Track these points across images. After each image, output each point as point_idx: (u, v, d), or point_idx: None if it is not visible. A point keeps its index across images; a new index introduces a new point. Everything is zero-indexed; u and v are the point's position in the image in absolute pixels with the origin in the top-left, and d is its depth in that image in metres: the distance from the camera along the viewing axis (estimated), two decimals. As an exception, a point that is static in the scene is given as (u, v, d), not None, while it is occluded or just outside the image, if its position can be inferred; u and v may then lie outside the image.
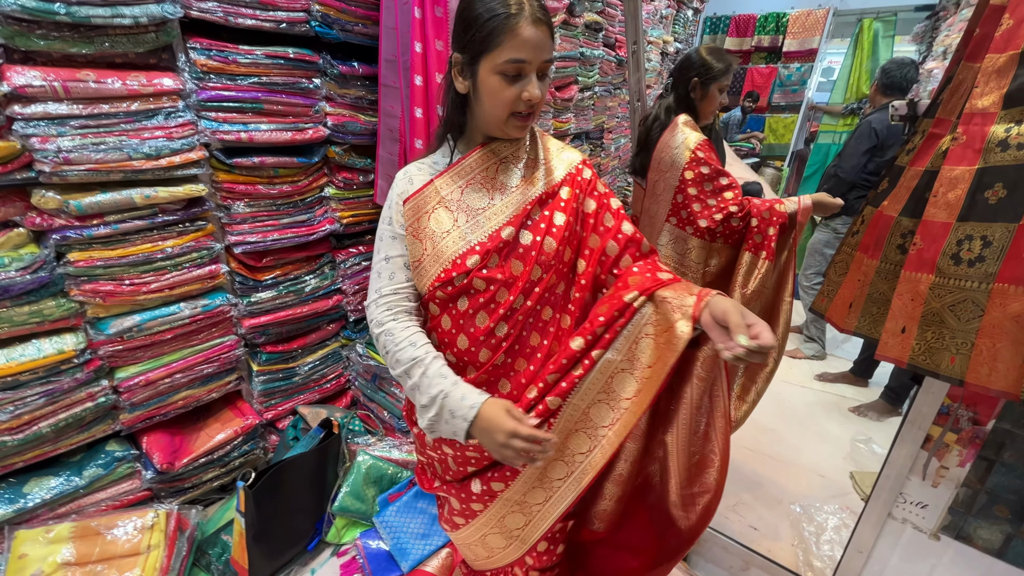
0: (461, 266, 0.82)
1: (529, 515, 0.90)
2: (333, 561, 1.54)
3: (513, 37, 0.74)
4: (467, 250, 0.83)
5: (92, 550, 1.29)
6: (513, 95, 0.77)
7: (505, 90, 0.77)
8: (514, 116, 0.80)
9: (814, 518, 1.74)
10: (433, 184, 0.85)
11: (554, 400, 0.81)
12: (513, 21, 0.74)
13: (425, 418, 0.80)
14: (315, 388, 1.89)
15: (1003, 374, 0.72)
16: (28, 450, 1.29)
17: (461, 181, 0.86)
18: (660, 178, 1.53)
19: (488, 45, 0.76)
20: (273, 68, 1.44)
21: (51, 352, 1.25)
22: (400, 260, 0.87)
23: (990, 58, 0.75)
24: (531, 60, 0.76)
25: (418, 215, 0.85)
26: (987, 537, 1.09)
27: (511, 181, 0.87)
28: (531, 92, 0.77)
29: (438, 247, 0.83)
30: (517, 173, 0.87)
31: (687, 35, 4.97)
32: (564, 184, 0.88)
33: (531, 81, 0.77)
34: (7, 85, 1.07)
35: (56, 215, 1.21)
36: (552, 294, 0.86)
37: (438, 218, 0.84)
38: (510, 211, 0.85)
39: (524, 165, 0.88)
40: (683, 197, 1.48)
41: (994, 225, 0.72)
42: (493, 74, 0.77)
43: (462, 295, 0.84)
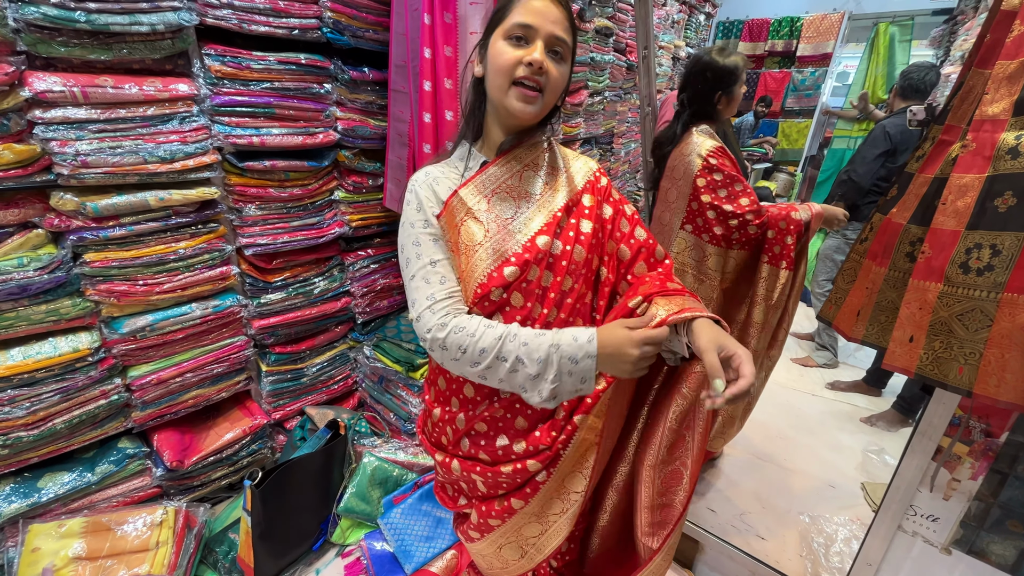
0: (499, 278, 0.78)
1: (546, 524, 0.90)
2: (338, 562, 1.55)
3: (521, 4, 0.76)
4: (503, 261, 0.79)
5: (102, 545, 1.32)
6: (515, 57, 0.76)
7: (508, 52, 0.76)
8: (516, 86, 0.77)
9: (823, 529, 1.71)
10: (458, 195, 0.81)
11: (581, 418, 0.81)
12: None
13: (545, 389, 0.72)
14: (323, 389, 1.91)
15: (1012, 385, 0.70)
16: (43, 446, 1.32)
17: (487, 190, 0.83)
18: (672, 186, 1.52)
19: (501, 15, 0.78)
20: (285, 73, 1.46)
21: (66, 350, 1.28)
22: (447, 262, 0.81)
23: (1001, 64, 0.73)
24: (538, 26, 0.75)
25: (449, 230, 0.81)
26: (1000, 552, 1.07)
27: (535, 189, 0.85)
28: (533, 56, 0.75)
29: (472, 260, 0.79)
30: (539, 181, 0.86)
31: (699, 40, 4.96)
32: (585, 192, 0.88)
33: (537, 46, 0.75)
34: (29, 91, 1.10)
35: (73, 216, 1.24)
36: (582, 303, 0.85)
37: (468, 230, 0.80)
38: (542, 219, 0.83)
39: (545, 173, 0.87)
40: (697, 205, 1.47)
41: (1003, 234, 0.71)
42: (500, 39, 0.77)
43: (498, 311, 0.81)
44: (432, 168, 0.87)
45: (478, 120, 0.87)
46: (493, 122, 0.86)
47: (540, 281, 0.81)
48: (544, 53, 0.76)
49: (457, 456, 0.93)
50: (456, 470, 0.92)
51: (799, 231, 1.46)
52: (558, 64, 0.78)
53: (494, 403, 0.86)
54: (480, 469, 0.88)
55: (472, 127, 0.88)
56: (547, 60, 0.76)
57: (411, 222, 0.82)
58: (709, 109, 1.55)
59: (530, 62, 0.75)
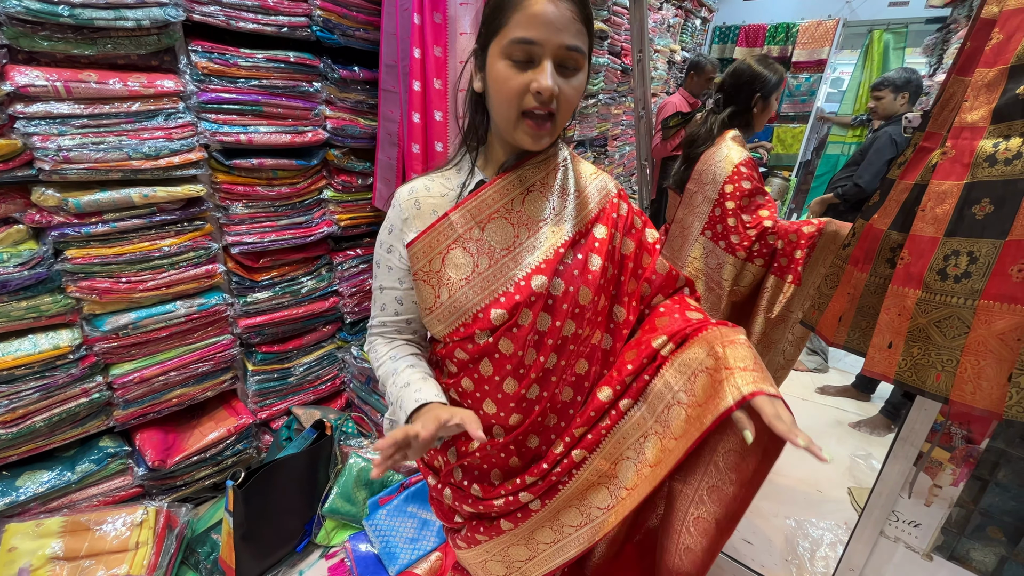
0: (484, 321, 0.71)
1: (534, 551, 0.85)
2: (322, 563, 1.54)
3: (522, 13, 0.60)
4: (491, 301, 0.71)
5: (81, 545, 1.30)
6: (519, 84, 0.63)
7: (511, 79, 0.63)
8: (525, 117, 0.65)
9: (809, 533, 1.71)
10: (448, 219, 0.72)
11: (579, 453, 0.76)
12: None
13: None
14: (310, 389, 1.90)
15: (987, 392, 0.70)
16: (22, 444, 1.31)
17: (481, 216, 0.72)
18: (699, 190, 1.50)
19: (496, 26, 0.63)
20: (274, 71, 1.45)
21: (47, 347, 1.27)
22: (392, 294, 0.78)
23: (980, 72, 0.74)
24: (542, 41, 0.61)
25: (430, 256, 0.72)
26: (980, 559, 1.07)
27: (539, 214, 0.74)
28: (540, 81, 0.62)
29: (455, 296, 0.72)
30: (546, 205, 0.74)
31: (695, 44, 4.98)
32: (599, 221, 0.76)
33: (544, 68, 0.62)
34: (10, 84, 1.09)
35: (55, 212, 1.23)
36: (587, 346, 0.76)
37: (454, 260, 0.72)
38: (540, 255, 0.73)
39: (554, 195, 0.75)
40: (720, 211, 1.46)
41: (981, 241, 0.71)
42: (500, 59, 0.64)
43: (485, 357, 0.74)
44: (420, 183, 0.77)
45: (479, 135, 0.77)
46: (497, 140, 0.75)
47: (535, 326, 0.71)
48: (554, 74, 0.63)
49: (450, 484, 0.88)
50: (448, 498, 0.87)
51: (810, 245, 1.44)
52: (572, 78, 0.65)
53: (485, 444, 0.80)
54: (472, 502, 0.84)
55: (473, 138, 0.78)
56: (559, 81, 0.63)
57: (380, 240, 0.79)
58: (746, 115, 1.54)
59: (539, 90, 0.63)
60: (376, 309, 0.81)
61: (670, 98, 3.46)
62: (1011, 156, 0.69)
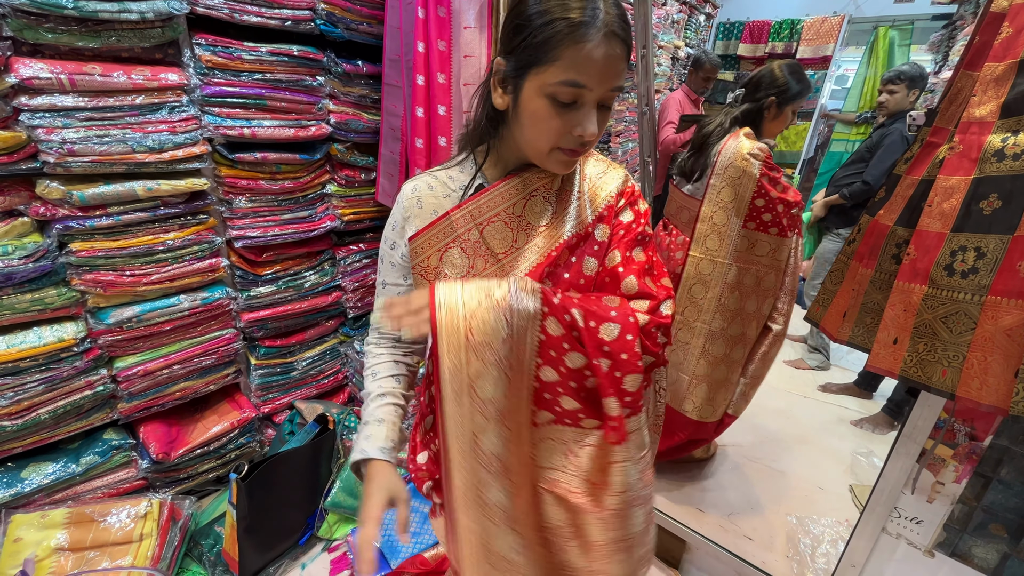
0: None
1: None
2: (324, 556, 1.55)
3: (576, 52, 0.57)
4: None
5: (86, 536, 1.31)
6: (561, 128, 0.61)
7: (553, 119, 0.61)
8: (559, 151, 0.64)
9: (811, 530, 1.71)
10: (448, 218, 0.71)
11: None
12: (580, 32, 0.56)
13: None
14: (312, 384, 1.90)
15: (994, 388, 0.70)
16: (27, 436, 1.31)
17: (481, 218, 0.71)
18: (728, 184, 1.49)
19: (541, 57, 0.59)
20: (277, 65, 1.45)
21: (51, 340, 1.27)
22: (395, 290, 0.79)
23: (988, 66, 0.73)
24: (594, 87, 0.59)
25: (428, 253, 0.73)
26: (982, 556, 1.07)
27: (538, 219, 0.73)
28: (586, 128, 0.60)
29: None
30: (547, 209, 0.73)
31: (699, 40, 4.95)
32: (601, 222, 0.74)
33: (589, 114, 0.60)
34: (15, 77, 1.09)
35: (59, 205, 1.23)
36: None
37: (451, 259, 0.72)
38: (535, 258, 0.72)
39: (557, 199, 0.73)
40: (764, 201, 1.47)
41: (988, 236, 0.70)
42: (541, 96, 0.61)
43: None
44: (423, 181, 0.76)
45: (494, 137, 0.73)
46: (507, 150, 0.73)
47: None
48: (595, 116, 0.61)
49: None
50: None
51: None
52: (607, 112, 0.63)
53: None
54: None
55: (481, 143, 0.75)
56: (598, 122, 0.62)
57: (384, 236, 0.79)
58: (756, 116, 1.55)
59: (581, 135, 0.61)
60: (377, 305, 0.82)
61: (672, 94, 3.44)
62: (1020, 151, 0.69)
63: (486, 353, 0.61)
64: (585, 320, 0.63)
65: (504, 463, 0.65)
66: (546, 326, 0.63)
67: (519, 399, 0.65)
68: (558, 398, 0.67)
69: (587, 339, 0.62)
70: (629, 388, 0.63)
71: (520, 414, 0.66)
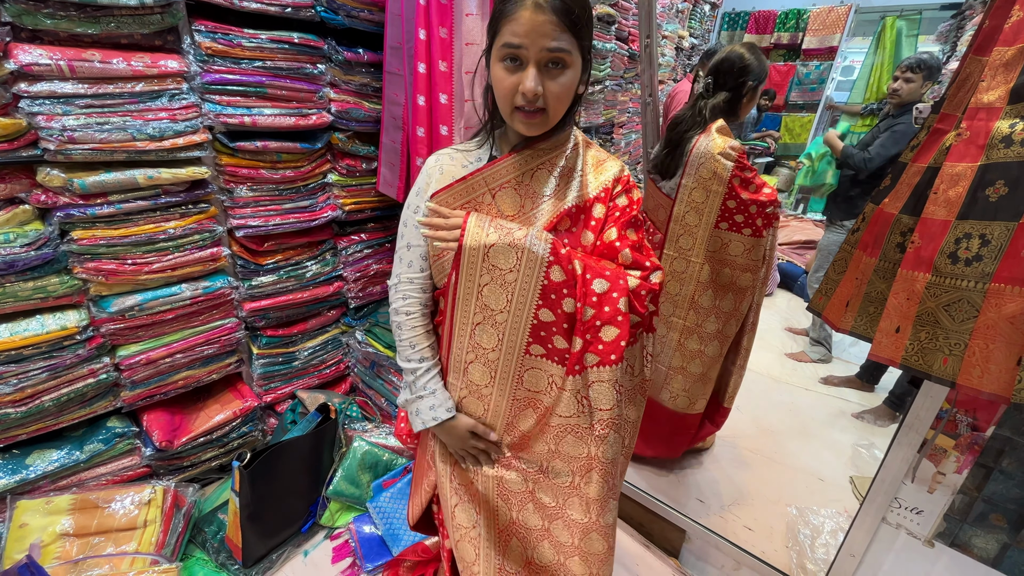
0: None
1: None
2: (326, 544, 1.56)
3: (509, 21, 0.69)
4: None
5: (90, 522, 1.32)
6: (510, 85, 0.72)
7: (506, 79, 0.72)
8: (518, 111, 0.74)
9: (810, 521, 1.72)
10: (466, 181, 0.81)
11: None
12: (512, 6, 0.69)
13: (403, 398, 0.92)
14: (314, 373, 1.91)
15: (995, 376, 0.70)
16: (31, 423, 1.32)
17: (494, 184, 0.82)
18: (699, 185, 1.48)
19: (494, 31, 0.73)
20: (278, 52, 1.44)
21: (54, 328, 1.28)
22: (419, 250, 0.87)
23: (998, 51, 0.72)
24: (526, 46, 0.69)
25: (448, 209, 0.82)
26: (982, 546, 1.07)
27: (544, 189, 0.83)
28: (525, 84, 0.71)
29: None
30: (551, 182, 0.83)
31: (703, 31, 4.90)
32: (598, 201, 0.84)
33: (528, 71, 0.70)
34: (14, 63, 1.08)
35: (60, 193, 1.23)
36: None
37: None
38: (540, 224, 0.83)
39: (559, 174, 0.83)
40: (735, 202, 1.45)
41: (993, 224, 0.69)
42: (497, 62, 0.73)
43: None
44: (447, 152, 0.88)
45: (495, 121, 0.85)
46: (510, 130, 0.84)
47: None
48: (539, 75, 0.71)
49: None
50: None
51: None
52: (559, 76, 0.72)
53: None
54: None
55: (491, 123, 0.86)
56: (544, 80, 0.72)
57: (408, 203, 0.88)
58: (736, 103, 1.54)
59: (523, 92, 0.71)
60: (403, 267, 0.88)
61: (680, 85, 3.41)
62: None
63: (495, 273, 0.76)
64: (583, 271, 0.75)
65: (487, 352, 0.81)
66: (550, 272, 0.75)
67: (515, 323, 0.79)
68: (552, 337, 0.79)
69: (580, 287, 0.75)
70: (603, 337, 0.75)
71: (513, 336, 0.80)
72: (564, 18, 0.69)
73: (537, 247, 0.74)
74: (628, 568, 1.55)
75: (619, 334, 0.74)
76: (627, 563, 1.56)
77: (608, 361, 0.75)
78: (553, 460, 0.85)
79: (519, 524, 0.90)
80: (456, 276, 0.78)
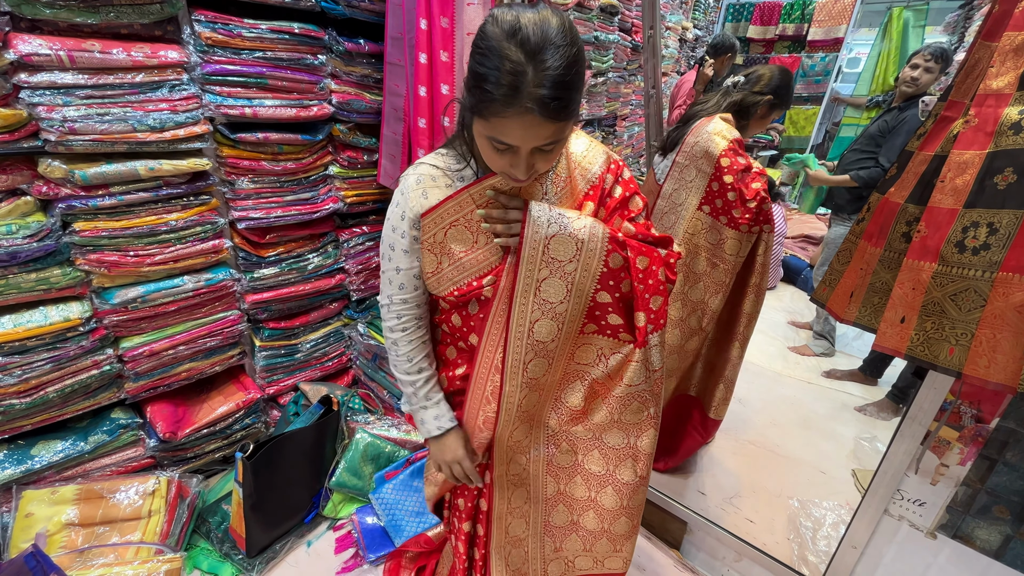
0: (477, 287, 0.82)
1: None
2: (329, 535, 1.57)
3: (499, 120, 0.62)
4: (486, 271, 0.82)
5: (95, 512, 1.33)
6: (502, 165, 0.70)
7: (494, 157, 0.69)
8: (507, 175, 0.73)
9: (812, 513, 1.72)
10: (453, 200, 0.79)
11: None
12: (498, 106, 0.60)
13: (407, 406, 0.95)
14: (317, 366, 1.91)
15: (1002, 366, 0.69)
16: (36, 414, 1.33)
17: (482, 199, 0.80)
18: (691, 162, 1.48)
19: (478, 109, 0.64)
20: (278, 43, 1.43)
21: (57, 319, 1.28)
22: (411, 272, 0.84)
23: (1008, 36, 0.71)
24: (519, 146, 0.65)
25: (435, 230, 0.81)
26: (985, 537, 1.07)
27: (535, 197, 0.82)
28: (515, 175, 0.69)
29: (456, 264, 0.82)
30: (541, 189, 0.82)
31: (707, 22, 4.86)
32: (588, 199, 0.83)
33: (518, 162, 0.67)
34: (14, 53, 1.08)
35: (62, 184, 1.23)
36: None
37: (456, 235, 0.81)
38: None
39: (548, 181, 0.82)
40: (719, 185, 1.44)
41: (1002, 212, 0.69)
42: (482, 136, 0.68)
43: (472, 300, 0.85)
44: (426, 170, 0.81)
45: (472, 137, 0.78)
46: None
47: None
48: (530, 160, 0.68)
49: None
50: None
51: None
52: (550, 152, 0.68)
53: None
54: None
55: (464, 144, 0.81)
56: (536, 158, 0.68)
57: (393, 226, 0.83)
58: (748, 109, 1.53)
59: (516, 178, 0.71)
60: (393, 289, 0.86)
61: (685, 76, 3.38)
62: (1037, 124, 0.67)
63: (555, 266, 0.77)
64: (633, 253, 0.79)
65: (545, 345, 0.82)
66: (609, 260, 0.78)
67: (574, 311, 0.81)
68: (606, 315, 0.82)
69: (632, 267, 0.78)
70: (653, 307, 0.80)
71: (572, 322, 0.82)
72: (558, 115, 0.62)
73: (597, 237, 0.76)
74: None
75: (663, 301, 0.81)
76: (629, 554, 1.57)
77: (658, 326, 0.81)
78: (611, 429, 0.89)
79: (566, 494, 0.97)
80: (514, 276, 0.78)
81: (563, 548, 1.01)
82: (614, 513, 0.93)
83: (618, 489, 0.91)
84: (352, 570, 1.47)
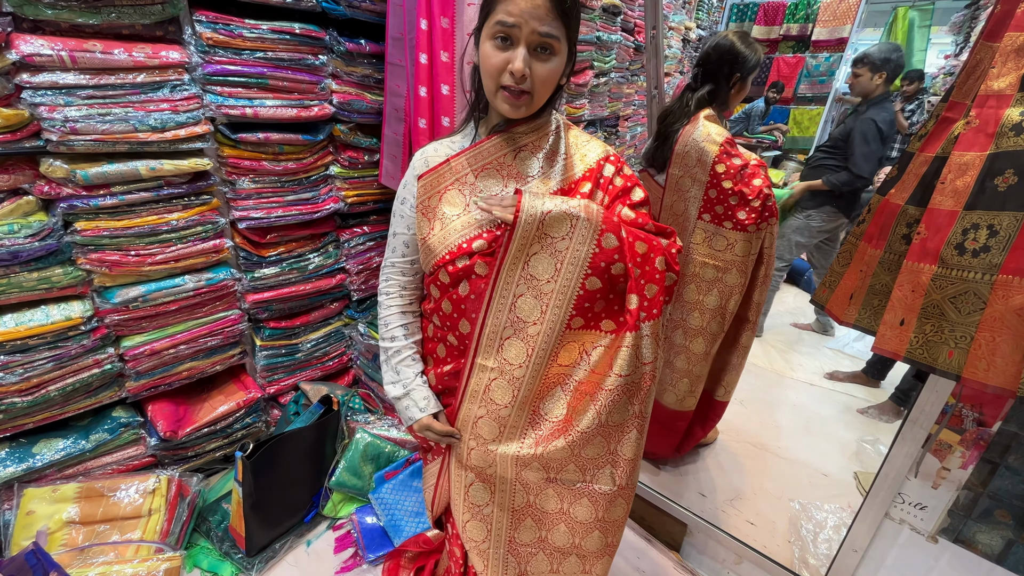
0: (467, 249, 0.82)
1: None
2: (329, 534, 1.58)
3: (505, 2, 0.72)
4: (476, 235, 0.83)
5: (96, 510, 1.34)
6: (499, 62, 0.74)
7: (495, 56, 0.74)
8: (503, 90, 0.76)
9: (813, 516, 1.71)
10: (449, 164, 0.85)
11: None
12: None
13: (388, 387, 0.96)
14: (317, 365, 1.92)
15: (1001, 369, 0.68)
16: (37, 412, 1.34)
17: (477, 164, 0.85)
18: (686, 174, 1.46)
19: (487, 9, 0.75)
20: (279, 43, 1.44)
21: (59, 318, 1.29)
22: (402, 237, 0.92)
23: (1009, 36, 0.70)
24: (519, 25, 0.71)
25: (430, 193, 0.85)
26: (987, 542, 1.06)
27: (529, 170, 0.86)
28: (514, 64, 0.73)
29: (447, 228, 0.84)
30: (535, 163, 0.85)
31: (711, 22, 4.84)
32: (585, 180, 0.86)
33: (518, 50, 0.73)
34: (16, 53, 1.09)
35: (64, 184, 1.23)
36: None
37: (450, 199, 0.85)
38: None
39: (544, 156, 0.86)
40: (717, 192, 1.43)
41: (1002, 214, 0.68)
42: (487, 39, 0.75)
43: (463, 279, 0.84)
44: (431, 146, 0.91)
45: (481, 106, 0.88)
46: (493, 113, 0.87)
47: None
48: (527, 57, 0.73)
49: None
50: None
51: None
52: (546, 61, 0.75)
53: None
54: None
55: (478, 109, 0.89)
56: (532, 62, 0.74)
57: (397, 195, 0.93)
58: (723, 93, 1.51)
59: (512, 71, 0.74)
60: (388, 251, 0.95)
61: (684, 78, 3.37)
62: (1039, 125, 0.66)
63: (546, 241, 0.77)
64: (628, 235, 0.78)
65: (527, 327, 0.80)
66: (602, 240, 0.77)
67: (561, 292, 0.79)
68: (594, 304, 0.80)
69: (627, 250, 0.77)
70: (647, 294, 0.78)
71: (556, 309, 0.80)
72: (557, 6, 0.72)
73: (592, 213, 0.77)
74: (629, 561, 1.55)
75: (659, 290, 0.79)
76: (628, 556, 1.57)
77: (651, 315, 0.79)
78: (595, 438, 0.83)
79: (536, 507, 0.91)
80: (505, 249, 0.78)
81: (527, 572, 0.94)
82: (586, 526, 0.87)
83: (594, 500, 0.85)
84: (351, 570, 1.47)
